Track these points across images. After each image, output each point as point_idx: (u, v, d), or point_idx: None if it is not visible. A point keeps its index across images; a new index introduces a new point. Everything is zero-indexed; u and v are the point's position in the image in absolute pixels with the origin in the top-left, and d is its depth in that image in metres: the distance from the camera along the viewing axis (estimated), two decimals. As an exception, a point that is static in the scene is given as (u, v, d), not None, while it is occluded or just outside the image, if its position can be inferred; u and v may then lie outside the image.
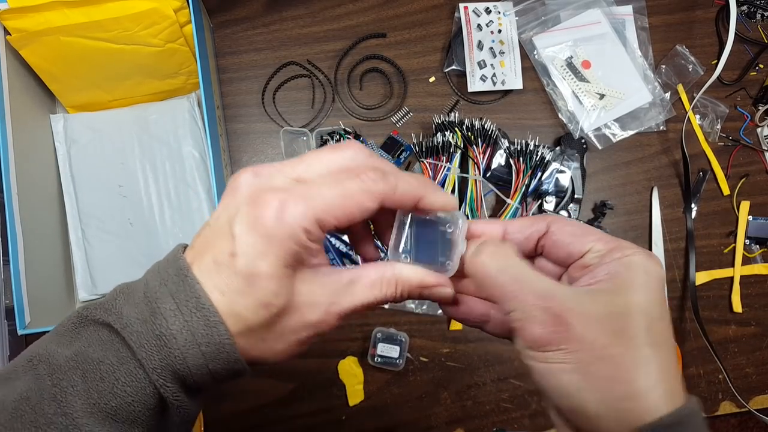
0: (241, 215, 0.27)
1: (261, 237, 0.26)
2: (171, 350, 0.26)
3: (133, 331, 0.26)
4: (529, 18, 0.76)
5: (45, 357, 0.27)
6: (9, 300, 0.64)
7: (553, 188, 0.71)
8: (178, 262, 0.27)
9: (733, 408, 0.73)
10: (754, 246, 0.75)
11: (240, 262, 0.26)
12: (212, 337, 0.26)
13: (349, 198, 0.27)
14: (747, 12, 0.79)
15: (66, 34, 0.62)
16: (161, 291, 0.27)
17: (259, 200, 0.26)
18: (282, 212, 0.26)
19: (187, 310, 0.26)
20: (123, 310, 0.27)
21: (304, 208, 0.26)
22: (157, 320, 0.26)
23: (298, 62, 0.75)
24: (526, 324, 0.28)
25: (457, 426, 0.71)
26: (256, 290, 0.26)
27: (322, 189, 0.27)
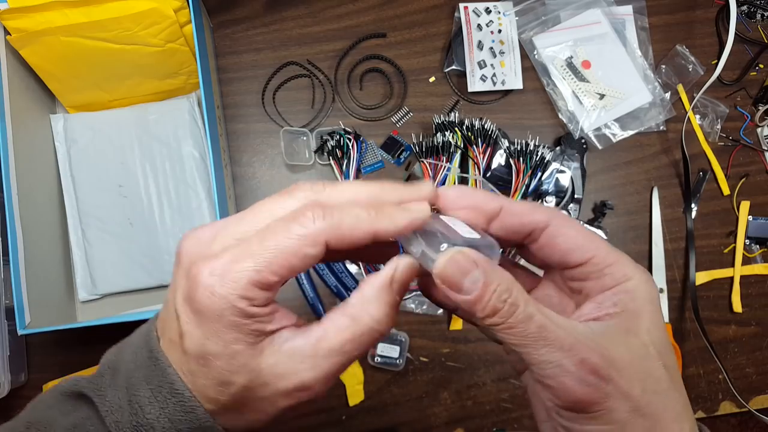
0: (180, 290, 0.25)
1: (198, 315, 0.24)
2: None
3: (112, 420, 0.26)
4: (529, 18, 0.76)
5: (43, 427, 0.27)
6: (9, 300, 0.64)
7: (553, 188, 0.71)
8: (150, 343, 0.26)
9: (733, 408, 0.73)
10: (754, 246, 0.75)
11: (188, 343, 0.25)
12: (191, 422, 0.25)
13: (285, 249, 0.24)
14: (747, 12, 0.79)
15: (66, 34, 0.62)
16: (137, 375, 0.26)
17: (191, 273, 0.24)
18: (211, 284, 0.24)
19: (162, 397, 0.25)
20: (107, 394, 0.26)
21: (235, 273, 0.23)
22: (133, 409, 0.25)
23: (298, 62, 0.75)
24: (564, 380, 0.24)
25: (457, 426, 0.71)
26: (210, 370, 0.25)
27: (254, 245, 0.24)
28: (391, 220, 0.26)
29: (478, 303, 0.24)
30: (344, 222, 0.25)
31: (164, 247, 0.69)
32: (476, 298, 0.24)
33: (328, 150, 0.71)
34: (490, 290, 0.24)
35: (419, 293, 0.70)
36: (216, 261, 0.24)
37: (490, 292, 0.24)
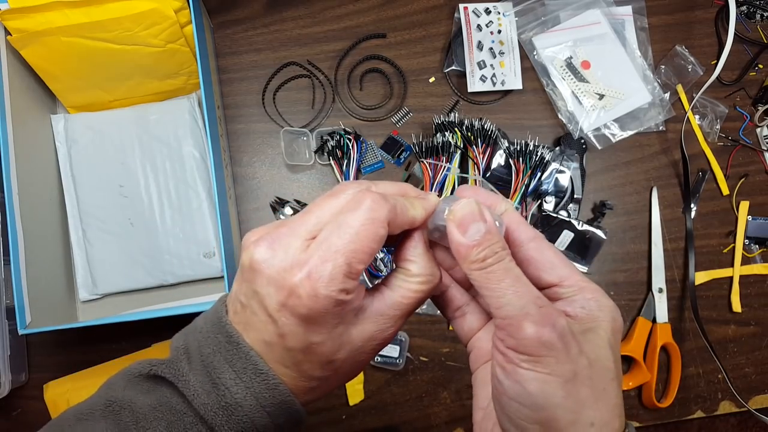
0: (273, 299, 0.27)
1: (304, 319, 0.27)
2: (239, 417, 0.28)
3: (200, 403, 0.28)
4: (529, 18, 0.77)
5: (126, 404, 0.29)
6: (9, 300, 0.64)
7: (553, 188, 0.71)
8: (226, 328, 0.29)
9: (733, 408, 0.73)
10: (753, 246, 0.75)
11: (291, 341, 0.27)
12: (275, 398, 0.28)
13: (364, 236, 0.27)
14: (746, 12, 0.79)
15: (67, 34, 0.62)
16: (217, 359, 0.28)
17: (285, 283, 0.27)
18: (314, 290, 0.26)
19: (247, 377, 0.28)
20: (189, 378, 0.29)
21: (330, 272, 0.26)
22: (220, 391, 0.28)
23: (299, 62, 0.76)
24: (523, 321, 0.27)
25: (457, 425, 0.71)
26: (316, 356, 0.28)
27: (335, 241, 0.27)
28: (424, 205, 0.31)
29: (475, 248, 0.28)
30: (398, 205, 0.29)
31: (164, 247, 0.69)
32: (475, 243, 0.28)
33: (329, 150, 0.71)
34: (488, 242, 0.28)
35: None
36: (307, 266, 0.27)
37: (488, 242, 0.28)
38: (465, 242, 0.28)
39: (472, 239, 0.28)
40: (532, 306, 0.27)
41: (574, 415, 0.27)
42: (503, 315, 0.28)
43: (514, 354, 0.28)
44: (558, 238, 0.70)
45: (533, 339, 0.27)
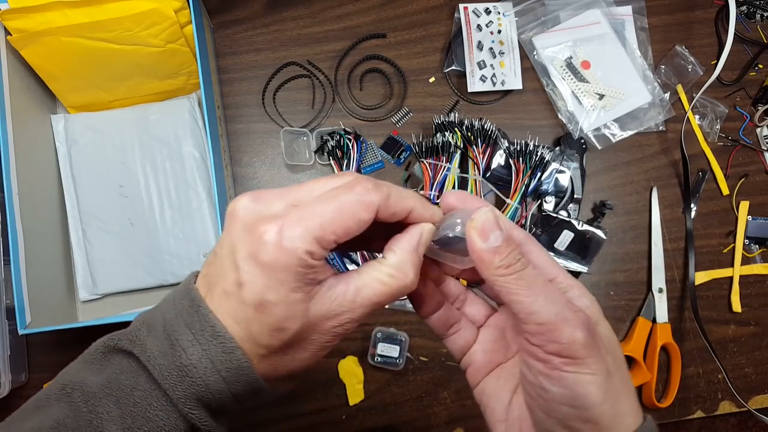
0: (242, 245, 0.27)
1: (263, 267, 0.27)
2: (193, 379, 0.27)
3: (156, 364, 0.28)
4: (529, 18, 0.77)
5: (78, 384, 0.28)
6: (9, 300, 0.64)
7: (553, 188, 0.71)
8: (190, 293, 0.29)
9: (733, 408, 0.73)
10: (753, 246, 0.75)
11: (247, 293, 0.27)
12: (231, 363, 0.27)
13: (345, 211, 0.27)
14: (746, 12, 0.79)
15: (67, 34, 0.62)
16: (177, 323, 0.28)
17: (256, 229, 0.27)
18: (280, 239, 0.26)
19: (204, 340, 0.27)
20: (146, 343, 0.28)
21: (301, 230, 0.26)
22: (176, 352, 0.27)
23: (299, 62, 0.76)
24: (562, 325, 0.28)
25: (457, 425, 0.71)
26: (267, 317, 0.27)
27: (317, 207, 0.27)
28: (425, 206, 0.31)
29: (498, 254, 0.29)
30: (392, 195, 0.29)
31: (164, 247, 0.69)
32: (497, 249, 0.29)
33: (328, 150, 0.71)
34: (509, 247, 0.30)
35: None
36: (284, 219, 0.27)
37: (508, 248, 0.29)
38: (488, 248, 0.29)
39: (494, 245, 0.29)
40: (567, 310, 0.29)
41: (614, 408, 0.29)
42: (539, 320, 0.29)
43: (557, 359, 0.29)
44: (558, 238, 0.70)
45: (576, 342, 0.28)
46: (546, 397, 0.30)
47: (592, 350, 0.29)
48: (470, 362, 0.36)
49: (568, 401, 0.29)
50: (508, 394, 0.34)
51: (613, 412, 0.29)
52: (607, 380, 0.29)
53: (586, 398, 0.28)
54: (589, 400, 0.28)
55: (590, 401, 0.28)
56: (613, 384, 0.29)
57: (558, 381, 0.29)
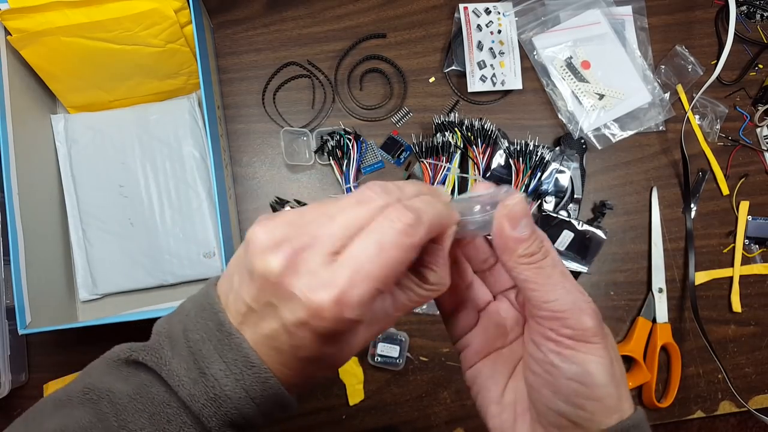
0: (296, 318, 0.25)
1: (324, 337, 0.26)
2: (227, 409, 0.27)
3: (187, 393, 0.27)
4: (529, 18, 0.77)
5: (104, 392, 0.28)
6: (10, 300, 0.64)
7: (553, 188, 0.71)
8: (218, 317, 0.28)
9: (733, 408, 0.73)
10: (753, 246, 0.75)
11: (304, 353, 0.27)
12: (265, 391, 0.27)
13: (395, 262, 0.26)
14: (746, 12, 0.79)
15: (67, 34, 0.62)
16: (206, 348, 0.27)
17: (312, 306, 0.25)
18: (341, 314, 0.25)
19: (238, 370, 0.27)
20: (173, 365, 0.28)
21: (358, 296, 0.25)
22: (209, 382, 0.27)
23: (299, 62, 0.76)
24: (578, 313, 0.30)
25: (457, 425, 0.71)
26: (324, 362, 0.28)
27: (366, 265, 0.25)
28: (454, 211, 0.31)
29: (524, 242, 0.30)
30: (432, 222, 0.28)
31: (165, 247, 0.69)
32: (524, 237, 0.30)
33: (329, 150, 0.71)
34: (535, 236, 0.31)
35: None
36: (336, 289, 0.25)
37: (534, 237, 0.30)
38: (516, 236, 0.30)
39: (523, 233, 0.30)
40: (582, 301, 0.31)
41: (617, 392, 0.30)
42: (555, 309, 0.30)
43: (570, 340, 0.30)
44: (558, 238, 0.70)
45: (589, 329, 0.30)
46: (555, 373, 0.31)
47: (601, 338, 0.30)
48: (467, 344, 0.37)
49: (578, 377, 0.30)
50: (504, 379, 0.36)
51: (617, 395, 0.30)
52: (611, 366, 0.30)
53: (595, 376, 0.30)
54: (597, 378, 0.30)
55: (598, 379, 0.30)
56: (616, 371, 0.31)
57: (569, 357, 0.30)
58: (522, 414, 0.34)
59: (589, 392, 0.30)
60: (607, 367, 0.30)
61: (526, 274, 0.30)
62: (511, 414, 0.34)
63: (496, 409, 0.35)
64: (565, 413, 0.31)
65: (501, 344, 0.37)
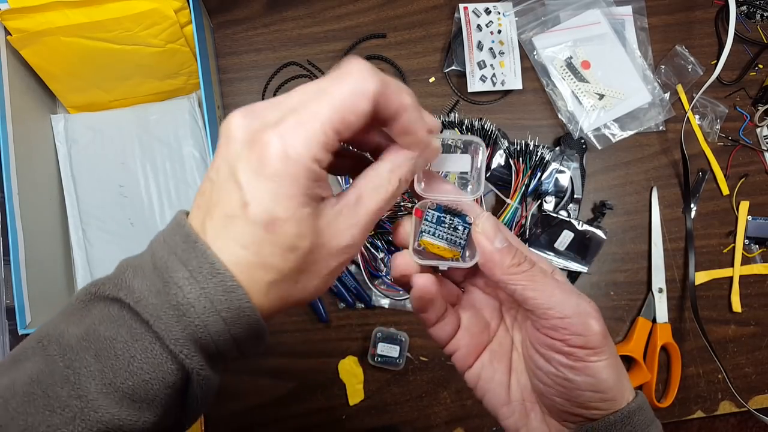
0: (243, 161, 0.25)
1: (270, 180, 0.25)
2: (190, 319, 0.25)
3: (147, 304, 0.25)
4: (529, 18, 0.77)
5: (55, 337, 0.26)
6: (10, 299, 0.64)
7: (553, 188, 0.71)
8: (183, 229, 0.26)
9: (733, 408, 0.73)
10: (753, 246, 0.75)
11: (254, 211, 0.25)
12: (231, 302, 0.25)
13: (344, 105, 0.25)
14: (746, 12, 0.79)
15: (67, 34, 0.62)
16: (171, 260, 0.26)
17: (258, 141, 0.25)
18: (285, 148, 0.24)
19: (202, 277, 0.25)
20: (133, 284, 0.26)
21: (304, 135, 0.25)
22: (171, 290, 0.25)
23: (299, 62, 0.76)
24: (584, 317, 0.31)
25: (457, 425, 0.71)
26: (278, 236, 0.25)
27: (313, 107, 0.25)
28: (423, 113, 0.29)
29: (507, 254, 0.31)
30: (391, 85, 0.26)
31: (165, 247, 0.69)
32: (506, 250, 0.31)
33: (328, 150, 0.71)
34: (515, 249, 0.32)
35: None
36: (282, 126, 0.25)
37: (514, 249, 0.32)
38: (499, 248, 0.31)
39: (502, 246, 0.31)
40: (584, 303, 0.31)
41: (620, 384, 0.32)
42: (560, 315, 0.31)
43: (582, 351, 0.31)
44: (558, 238, 0.70)
45: (599, 333, 0.31)
46: (570, 386, 0.31)
47: (606, 338, 0.31)
48: (457, 347, 0.36)
49: (592, 387, 0.31)
50: (505, 377, 0.36)
51: (620, 387, 0.32)
52: (615, 361, 0.32)
53: (606, 382, 0.31)
54: (608, 383, 0.31)
55: (609, 384, 0.31)
56: (617, 363, 0.32)
57: (583, 371, 0.31)
58: (532, 408, 0.35)
59: (602, 396, 0.31)
60: (615, 368, 0.31)
61: (523, 283, 0.31)
62: (522, 412, 0.35)
63: (507, 411, 0.36)
64: (579, 414, 0.32)
65: (487, 339, 0.37)
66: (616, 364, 0.32)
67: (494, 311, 0.37)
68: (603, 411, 0.32)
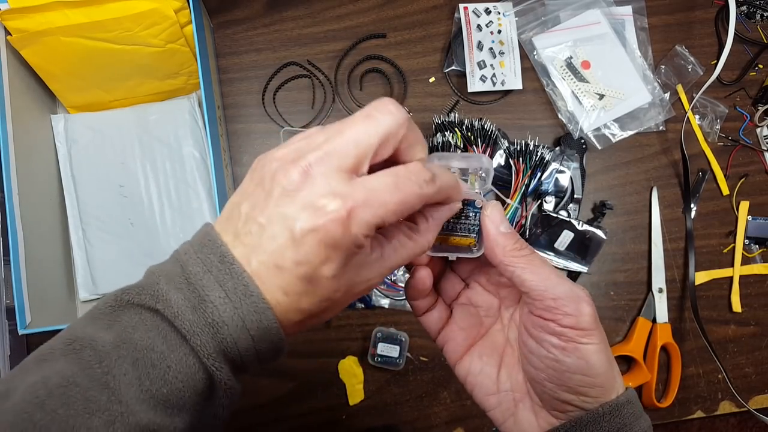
0: (305, 225, 0.26)
1: (327, 247, 0.27)
2: (223, 336, 0.27)
3: (185, 319, 0.27)
4: (529, 18, 0.77)
5: (87, 341, 0.27)
6: (10, 300, 0.64)
7: (553, 188, 0.71)
8: (220, 249, 0.28)
9: (733, 408, 0.73)
10: (753, 246, 0.75)
11: (304, 270, 0.27)
12: (261, 323, 0.27)
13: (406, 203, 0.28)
14: (746, 12, 0.79)
15: (67, 34, 0.62)
16: (207, 278, 0.27)
17: (321, 209, 0.26)
18: (349, 225, 0.26)
19: (236, 298, 0.27)
20: (170, 297, 0.27)
21: (369, 217, 0.27)
22: (207, 309, 0.27)
23: (299, 62, 0.76)
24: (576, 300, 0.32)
25: (457, 425, 0.71)
26: (318, 290, 0.28)
27: (382, 194, 0.27)
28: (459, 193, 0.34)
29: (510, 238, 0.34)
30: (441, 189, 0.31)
31: (164, 247, 0.69)
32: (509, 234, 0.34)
33: (328, 150, 0.71)
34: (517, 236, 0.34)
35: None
36: (351, 200, 0.27)
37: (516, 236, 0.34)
38: (503, 232, 0.34)
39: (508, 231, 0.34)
40: (576, 287, 0.33)
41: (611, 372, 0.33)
42: (554, 296, 0.32)
43: (572, 332, 0.32)
44: (558, 238, 0.70)
45: (589, 315, 0.32)
46: (559, 368, 0.33)
47: (596, 323, 0.33)
48: (447, 339, 0.39)
49: (581, 370, 0.32)
50: (494, 369, 0.38)
51: (610, 377, 0.33)
52: (607, 351, 0.33)
53: (597, 366, 0.32)
54: (599, 367, 0.32)
55: (599, 368, 0.32)
56: (608, 352, 0.33)
57: (573, 352, 0.32)
58: (521, 399, 0.36)
59: (591, 380, 0.32)
60: (605, 353, 0.33)
61: (521, 265, 0.33)
62: (511, 402, 0.37)
63: (494, 400, 0.37)
64: (569, 401, 0.33)
65: (479, 332, 0.39)
66: (606, 351, 0.33)
67: (491, 309, 0.39)
68: (592, 398, 0.33)
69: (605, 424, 0.32)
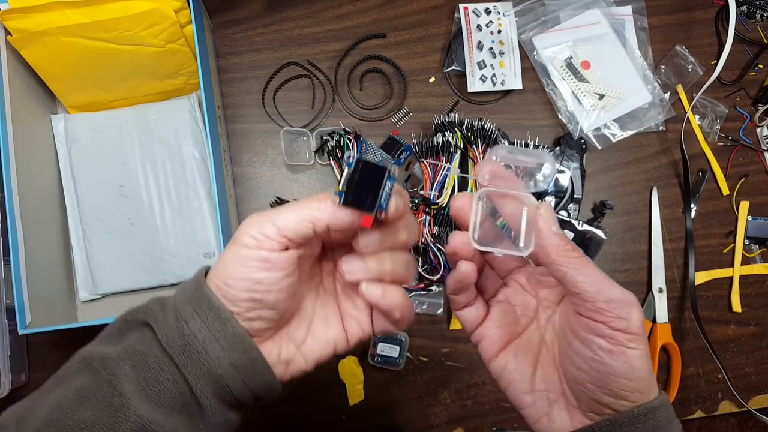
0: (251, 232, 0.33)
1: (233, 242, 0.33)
2: (194, 346, 0.32)
3: (163, 334, 0.33)
4: (529, 18, 0.77)
5: (97, 355, 0.33)
6: (10, 300, 0.64)
7: (553, 188, 0.71)
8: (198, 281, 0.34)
9: (733, 408, 0.73)
10: (753, 246, 0.75)
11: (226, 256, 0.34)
12: (227, 331, 0.32)
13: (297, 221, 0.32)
14: (746, 12, 0.79)
15: (67, 34, 0.62)
16: (182, 301, 0.33)
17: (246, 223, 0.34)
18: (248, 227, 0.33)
19: (202, 312, 0.32)
20: (159, 316, 0.33)
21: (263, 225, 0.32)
22: (180, 324, 0.32)
23: (299, 62, 0.76)
24: (627, 305, 0.32)
25: (457, 425, 0.71)
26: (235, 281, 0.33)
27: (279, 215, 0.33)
28: None
29: (562, 239, 0.34)
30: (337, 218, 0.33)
31: (164, 247, 0.69)
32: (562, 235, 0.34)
33: (328, 150, 0.71)
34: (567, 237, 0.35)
35: (419, 293, 0.70)
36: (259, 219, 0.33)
37: (567, 237, 0.35)
38: (557, 231, 0.34)
39: (560, 232, 0.34)
40: (627, 292, 0.33)
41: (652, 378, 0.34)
42: (607, 298, 0.33)
43: (622, 335, 0.32)
44: (558, 238, 0.70)
45: (640, 321, 0.32)
46: (604, 371, 0.33)
47: (644, 329, 0.33)
48: (483, 336, 0.39)
49: (625, 374, 0.32)
50: (530, 370, 0.38)
51: (650, 382, 0.33)
52: (648, 355, 0.33)
53: (640, 372, 0.32)
54: (642, 372, 0.32)
55: (642, 373, 0.33)
56: (649, 359, 0.33)
57: (620, 356, 0.32)
58: (556, 400, 0.36)
59: (634, 385, 0.33)
60: (647, 359, 0.33)
61: (574, 266, 0.33)
62: (545, 402, 0.37)
63: (529, 399, 0.37)
64: (608, 403, 0.33)
65: (515, 331, 0.39)
66: (648, 357, 0.33)
67: (528, 309, 0.39)
68: (631, 403, 0.33)
69: (639, 426, 0.33)
